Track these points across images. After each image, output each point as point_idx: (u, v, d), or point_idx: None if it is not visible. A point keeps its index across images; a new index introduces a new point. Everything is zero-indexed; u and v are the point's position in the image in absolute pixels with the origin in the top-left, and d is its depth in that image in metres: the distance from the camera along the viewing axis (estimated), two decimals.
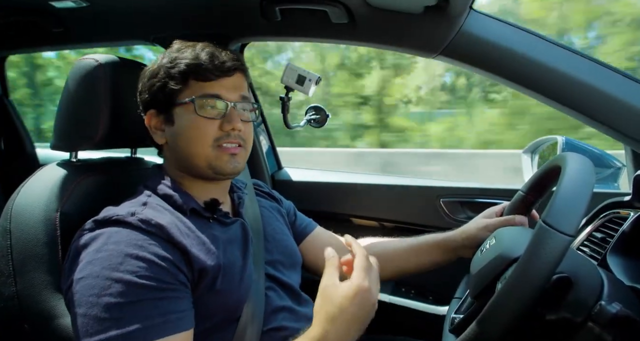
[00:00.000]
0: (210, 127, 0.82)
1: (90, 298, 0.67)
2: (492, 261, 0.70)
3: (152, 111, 0.86)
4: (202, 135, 0.81)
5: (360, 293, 0.68)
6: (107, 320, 0.65)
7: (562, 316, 0.63)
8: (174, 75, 0.82)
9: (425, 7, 0.95)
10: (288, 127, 1.30)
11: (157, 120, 0.86)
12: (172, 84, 0.81)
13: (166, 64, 0.83)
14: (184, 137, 0.83)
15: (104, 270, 0.68)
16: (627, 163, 1.06)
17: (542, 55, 0.93)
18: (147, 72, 0.86)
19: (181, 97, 0.82)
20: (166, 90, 0.82)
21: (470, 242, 0.99)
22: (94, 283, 0.67)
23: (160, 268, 0.70)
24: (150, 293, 0.68)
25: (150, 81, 0.84)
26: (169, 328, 0.68)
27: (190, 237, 0.77)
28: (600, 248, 0.89)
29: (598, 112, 0.92)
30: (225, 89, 0.83)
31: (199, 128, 0.81)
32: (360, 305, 0.68)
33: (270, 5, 1.06)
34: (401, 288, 1.53)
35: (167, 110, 0.84)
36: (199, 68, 0.81)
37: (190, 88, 0.82)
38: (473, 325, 0.63)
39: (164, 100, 0.83)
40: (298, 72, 1.18)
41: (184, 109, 0.82)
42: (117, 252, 0.69)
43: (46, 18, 1.23)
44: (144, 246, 0.71)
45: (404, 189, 1.56)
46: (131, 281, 0.67)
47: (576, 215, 0.58)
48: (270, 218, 1.02)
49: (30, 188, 0.84)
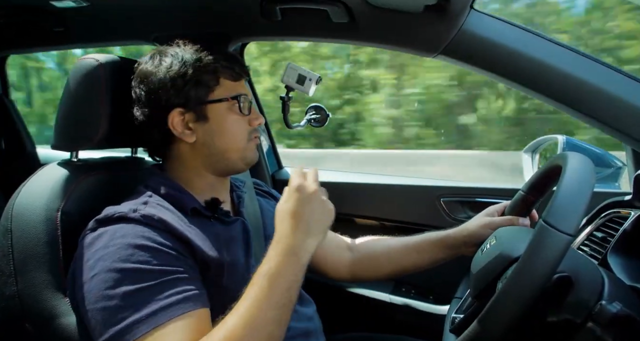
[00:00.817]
0: (244, 123, 0.88)
1: (107, 291, 0.67)
2: (493, 260, 0.70)
3: (179, 109, 0.83)
4: (241, 132, 0.87)
5: (299, 191, 0.74)
6: (129, 307, 0.66)
7: (563, 316, 0.63)
8: (208, 74, 0.84)
9: (426, 6, 0.95)
10: (288, 126, 1.30)
11: (182, 119, 0.84)
12: (211, 83, 0.85)
13: (194, 62, 0.83)
14: (224, 133, 0.86)
15: (114, 263, 0.69)
16: (628, 163, 1.06)
17: (543, 54, 0.93)
18: (162, 70, 0.83)
19: (214, 95, 0.85)
20: (200, 89, 0.84)
21: (471, 239, 0.99)
22: (108, 276, 0.68)
23: (168, 255, 0.72)
24: (164, 276, 0.70)
25: (178, 80, 0.82)
26: (189, 304, 0.69)
27: (192, 233, 0.78)
28: (600, 248, 0.89)
29: (599, 111, 0.91)
30: (243, 88, 0.90)
31: (239, 124, 0.87)
32: (302, 200, 0.74)
33: (271, 4, 1.06)
34: (401, 287, 1.53)
35: (197, 108, 0.84)
36: (229, 68, 0.86)
37: (222, 87, 0.86)
38: (474, 324, 0.63)
39: (195, 98, 0.84)
40: (298, 72, 1.18)
41: (219, 107, 0.85)
42: (125, 245, 0.70)
43: (46, 17, 1.23)
44: (150, 237, 0.72)
45: (404, 189, 1.56)
46: (144, 269, 0.69)
47: (577, 215, 0.58)
48: (270, 217, 1.01)
49: (31, 188, 0.84)
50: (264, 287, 0.68)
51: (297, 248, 0.71)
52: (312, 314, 0.99)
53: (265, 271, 0.69)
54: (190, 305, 0.70)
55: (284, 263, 0.70)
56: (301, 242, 0.71)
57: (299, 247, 0.71)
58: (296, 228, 0.72)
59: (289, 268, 0.70)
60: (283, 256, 0.70)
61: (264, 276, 0.69)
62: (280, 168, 1.79)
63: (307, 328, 0.93)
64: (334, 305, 1.44)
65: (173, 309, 0.68)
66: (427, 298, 1.49)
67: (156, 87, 0.83)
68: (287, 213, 0.73)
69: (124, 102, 0.91)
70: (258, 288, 0.68)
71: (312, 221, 0.73)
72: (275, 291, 0.67)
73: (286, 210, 0.74)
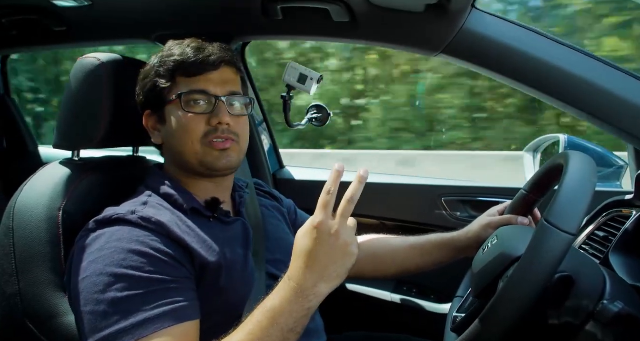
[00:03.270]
0: (198, 123, 0.81)
1: (96, 295, 0.67)
2: (494, 260, 0.69)
3: (148, 111, 0.87)
4: (190, 132, 0.80)
5: (318, 228, 0.64)
6: (115, 314, 0.66)
7: (564, 316, 0.63)
8: (163, 74, 0.82)
9: (427, 6, 0.94)
10: (290, 125, 1.30)
11: (152, 121, 0.87)
12: (162, 82, 0.82)
13: (156, 63, 0.84)
14: (175, 135, 0.83)
15: (107, 267, 0.68)
16: (630, 162, 1.05)
17: (544, 53, 0.93)
18: (141, 73, 0.87)
19: (169, 95, 0.83)
20: (157, 90, 0.83)
21: (474, 241, 0.98)
22: (98, 280, 0.68)
23: (163, 262, 0.71)
24: (155, 286, 0.69)
25: (143, 82, 0.85)
26: (177, 316, 0.68)
27: (190, 235, 0.77)
28: (602, 247, 0.89)
29: (601, 110, 0.91)
30: (212, 84, 0.82)
31: (187, 124, 0.81)
32: (320, 240, 0.64)
33: (272, 3, 1.06)
34: (403, 286, 1.53)
35: (159, 110, 0.85)
36: (185, 64, 0.81)
37: (177, 86, 0.82)
38: (475, 323, 0.63)
39: (155, 100, 0.84)
40: (300, 71, 1.18)
41: (173, 107, 0.83)
42: (119, 249, 0.70)
43: (48, 17, 1.23)
44: (146, 242, 0.71)
45: (405, 188, 1.56)
46: (135, 276, 0.68)
47: (578, 214, 0.58)
48: (271, 217, 1.02)
49: (32, 187, 0.84)
50: (262, 323, 0.64)
51: (307, 290, 0.65)
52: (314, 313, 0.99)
53: (269, 307, 0.65)
54: (178, 317, 0.68)
55: (290, 303, 0.64)
56: (312, 285, 0.65)
57: (309, 290, 0.65)
58: (309, 270, 0.65)
59: (294, 308, 0.64)
60: (290, 295, 0.65)
61: (265, 312, 0.65)
62: (281, 168, 1.79)
63: (309, 327, 0.92)
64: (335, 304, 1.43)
65: (160, 321, 0.66)
66: (429, 297, 1.49)
67: (137, 90, 0.87)
68: (302, 251, 0.66)
69: (126, 102, 0.91)
70: (257, 322, 0.65)
71: (329, 264, 0.65)
72: (274, 330, 0.64)
73: (302, 247, 0.66)
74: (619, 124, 0.90)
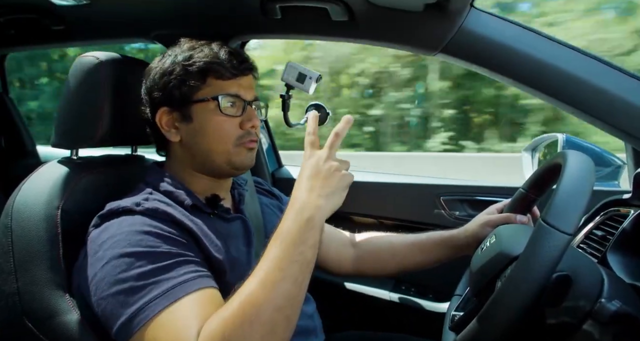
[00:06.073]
0: (232, 125, 0.84)
1: (120, 275, 0.67)
2: (492, 259, 0.70)
3: (165, 108, 0.85)
4: (225, 133, 0.84)
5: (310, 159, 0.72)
6: (145, 287, 0.66)
7: (562, 315, 0.63)
8: (193, 73, 0.82)
9: (426, 5, 0.95)
10: (289, 125, 1.29)
11: (170, 118, 0.85)
12: (192, 81, 0.82)
13: (182, 61, 0.83)
14: (206, 134, 0.84)
15: (124, 248, 0.69)
16: (628, 161, 1.05)
17: (543, 52, 0.93)
18: (157, 69, 0.85)
19: (200, 94, 0.83)
20: (184, 88, 0.83)
21: (473, 239, 0.99)
22: (119, 262, 0.68)
23: (178, 241, 0.73)
24: (176, 258, 0.70)
25: (164, 78, 0.84)
26: (203, 282, 0.70)
27: (196, 226, 0.78)
28: (600, 246, 0.89)
29: (599, 110, 0.91)
30: (243, 89, 0.86)
31: (222, 126, 0.83)
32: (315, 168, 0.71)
33: (271, 2, 1.06)
34: (401, 285, 1.53)
35: (182, 108, 0.84)
36: (220, 66, 0.83)
37: (209, 86, 0.83)
38: (473, 322, 0.63)
39: (180, 98, 0.83)
40: (298, 70, 1.18)
41: (202, 107, 0.83)
42: (133, 232, 0.71)
43: (47, 16, 1.23)
44: (157, 225, 0.73)
45: (404, 187, 1.56)
46: (155, 252, 0.69)
47: (576, 214, 0.58)
48: (270, 215, 1.02)
49: (31, 186, 0.84)
50: (277, 245, 0.66)
51: (306, 204, 0.69)
52: (312, 312, 0.99)
53: (278, 231, 0.68)
54: (206, 282, 0.70)
55: (297, 221, 0.68)
56: (311, 200, 0.69)
57: (310, 203, 0.69)
58: (308, 191, 0.70)
59: (302, 227, 0.67)
60: (295, 214, 0.68)
61: (276, 237, 0.68)
62: (280, 167, 1.79)
63: (307, 326, 0.93)
64: (333, 303, 1.44)
65: (189, 284, 0.68)
66: (427, 296, 1.49)
67: (150, 86, 0.86)
68: (301, 180, 0.72)
69: (124, 100, 0.91)
70: (271, 248, 0.67)
71: (324, 185, 0.70)
72: (288, 248, 0.65)
73: (300, 177, 0.72)
74: (617, 123, 0.91)
